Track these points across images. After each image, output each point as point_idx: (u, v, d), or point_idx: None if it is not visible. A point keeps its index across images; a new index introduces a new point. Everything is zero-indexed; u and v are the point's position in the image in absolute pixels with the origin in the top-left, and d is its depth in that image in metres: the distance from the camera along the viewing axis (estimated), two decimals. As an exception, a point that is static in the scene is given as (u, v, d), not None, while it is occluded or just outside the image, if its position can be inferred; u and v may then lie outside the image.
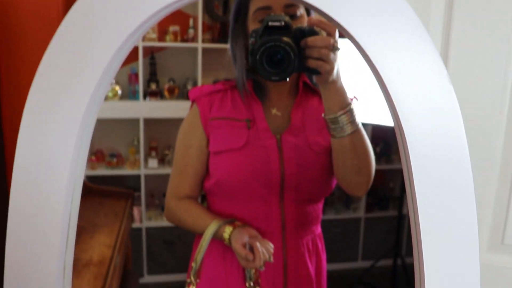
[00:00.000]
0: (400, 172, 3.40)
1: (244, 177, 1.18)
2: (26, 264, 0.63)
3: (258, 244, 1.11)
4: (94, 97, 0.59)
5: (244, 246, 1.12)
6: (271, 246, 1.13)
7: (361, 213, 3.65)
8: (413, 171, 0.57)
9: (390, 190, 3.78)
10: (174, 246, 3.37)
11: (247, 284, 1.21)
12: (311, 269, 1.29)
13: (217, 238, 1.18)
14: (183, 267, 3.46)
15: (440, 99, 0.54)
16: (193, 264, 1.19)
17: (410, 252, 3.61)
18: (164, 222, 3.34)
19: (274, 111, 1.23)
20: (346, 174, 1.18)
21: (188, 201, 1.26)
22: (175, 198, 1.27)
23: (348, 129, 1.08)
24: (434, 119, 0.54)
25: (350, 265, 3.71)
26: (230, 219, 1.20)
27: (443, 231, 0.59)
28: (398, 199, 3.51)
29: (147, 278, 3.39)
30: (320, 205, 1.30)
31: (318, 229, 1.33)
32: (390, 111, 0.56)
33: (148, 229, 3.33)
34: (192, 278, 1.19)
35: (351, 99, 1.10)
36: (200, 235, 1.21)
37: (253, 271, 1.20)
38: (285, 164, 1.18)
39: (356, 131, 1.09)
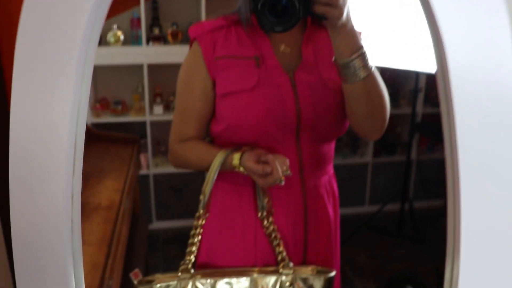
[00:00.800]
0: (407, 117, 3.36)
1: (257, 119, 1.12)
2: (33, 208, 0.61)
3: (271, 157, 1.07)
4: (88, 35, 0.55)
5: (257, 163, 1.08)
6: (286, 158, 1.09)
7: (368, 158, 3.64)
8: (456, 120, 0.54)
9: (397, 135, 3.74)
10: (182, 192, 3.39)
11: (259, 215, 1.19)
12: (330, 210, 1.27)
13: (226, 168, 1.15)
14: (191, 213, 3.49)
15: (496, 54, 0.50)
16: (201, 197, 1.16)
17: (417, 197, 3.62)
18: (171, 169, 3.34)
19: (282, 47, 1.15)
20: (360, 120, 1.13)
21: (193, 141, 1.21)
22: (179, 142, 1.22)
23: (361, 74, 1.02)
24: (486, 71, 0.51)
25: (357, 209, 3.73)
26: (236, 147, 1.16)
27: (485, 181, 0.56)
28: (406, 145, 3.49)
29: (156, 224, 3.43)
30: (333, 144, 1.26)
31: (332, 169, 1.30)
32: (437, 56, 0.52)
33: (156, 176, 3.33)
34: (201, 211, 1.17)
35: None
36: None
37: (265, 200, 1.18)
38: (301, 103, 1.12)
39: (369, 75, 1.03)
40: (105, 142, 2.66)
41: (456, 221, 0.65)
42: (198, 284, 1.14)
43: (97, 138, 2.66)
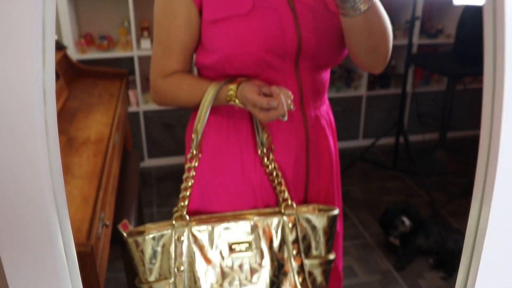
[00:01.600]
0: (403, 48, 3.27)
1: (255, 48, 1.00)
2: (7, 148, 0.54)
3: (277, 89, 0.96)
4: None
5: (259, 94, 0.97)
6: (289, 92, 0.98)
7: (362, 91, 3.57)
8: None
9: (392, 68, 3.66)
10: (173, 128, 3.32)
11: (259, 152, 1.11)
12: (331, 142, 1.20)
13: (219, 102, 1.04)
14: (183, 149, 3.44)
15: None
16: (193, 136, 1.05)
17: (412, 130, 3.59)
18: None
19: None
20: (361, 53, 1.03)
21: (178, 75, 1.10)
22: (162, 77, 1.10)
23: (362, 7, 0.90)
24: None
25: (352, 143, 3.70)
26: (230, 78, 1.05)
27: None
28: (401, 77, 3.41)
29: (148, 162, 3.39)
30: (329, 71, 1.17)
31: (327, 99, 1.22)
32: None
33: (146, 113, 3.25)
34: (194, 151, 1.07)
35: None
36: (197, 109, 1.07)
37: (265, 136, 1.09)
38: (301, 28, 1.02)
39: (371, 7, 0.92)
40: (92, 77, 2.56)
41: (491, 157, 0.59)
42: (194, 231, 1.06)
43: (83, 73, 2.56)
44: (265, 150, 1.11)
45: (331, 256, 1.13)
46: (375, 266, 2.42)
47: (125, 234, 1.04)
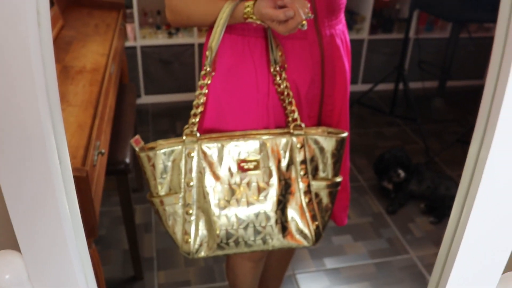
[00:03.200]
0: (410, -10, 3.17)
1: None
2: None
3: (290, 0, 0.95)
4: None
5: (275, 8, 0.97)
6: (305, 1, 0.97)
7: (364, 35, 3.49)
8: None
9: (396, 11, 3.57)
10: (171, 65, 3.26)
11: (272, 69, 1.11)
12: (346, 63, 1.20)
13: (235, 20, 1.05)
14: (181, 87, 3.41)
15: None
16: (207, 53, 1.07)
17: (412, 77, 3.54)
18: (159, 41, 3.18)
19: None
20: None
21: None
22: None
23: None
24: None
25: (350, 87, 3.66)
26: None
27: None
28: (405, 21, 3.33)
29: (144, 98, 3.35)
30: None
31: (344, 18, 1.21)
32: None
33: (143, 48, 3.18)
34: (208, 68, 1.08)
35: None
36: (212, 27, 1.07)
37: (279, 54, 1.09)
38: None
39: None
40: (87, 7, 2.47)
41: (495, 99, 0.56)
42: (204, 148, 1.09)
43: (78, 2, 2.47)
44: (277, 68, 1.11)
45: (338, 179, 1.15)
46: (367, 209, 2.45)
47: (137, 149, 1.07)
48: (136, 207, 2.34)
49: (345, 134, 1.12)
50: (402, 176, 2.41)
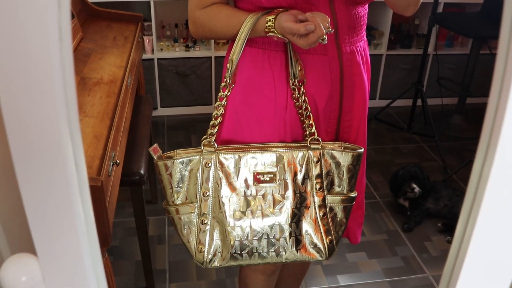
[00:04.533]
0: (428, 7, 3.16)
1: None
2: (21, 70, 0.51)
3: (310, 14, 0.97)
4: None
5: (296, 22, 0.98)
6: (325, 15, 0.98)
7: (382, 50, 3.48)
8: None
9: (415, 26, 3.55)
10: (187, 78, 3.28)
11: (290, 83, 1.11)
12: (365, 79, 1.20)
13: (256, 34, 1.06)
14: (197, 100, 3.42)
15: None
16: (228, 65, 1.09)
17: (431, 93, 3.51)
18: (176, 54, 3.20)
19: None
20: None
21: (216, 6, 1.11)
22: (200, 8, 1.12)
23: None
24: None
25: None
26: (267, 10, 1.06)
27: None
28: (424, 36, 3.31)
29: (161, 111, 3.37)
30: (367, 8, 1.17)
31: (365, 35, 1.21)
32: None
33: (160, 61, 3.20)
34: (228, 80, 1.09)
35: None
36: (233, 41, 1.09)
37: (298, 68, 1.09)
38: None
39: None
40: (106, 19, 2.50)
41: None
42: (221, 158, 1.10)
43: (98, 15, 2.51)
44: (296, 82, 1.11)
45: (353, 194, 1.14)
46: (383, 226, 2.41)
47: (155, 157, 1.08)
48: (149, 218, 2.34)
49: (361, 150, 1.12)
50: (417, 191, 2.37)
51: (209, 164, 1.09)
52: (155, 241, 2.23)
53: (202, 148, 1.10)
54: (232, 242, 1.10)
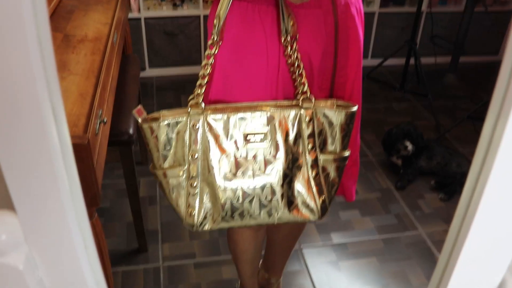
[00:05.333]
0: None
1: None
2: None
3: None
4: None
5: None
6: None
7: (375, 7, 3.40)
8: None
9: (408, -16, 3.47)
10: (176, 38, 3.20)
11: (282, 39, 1.05)
12: (360, 31, 1.14)
13: None
14: (186, 60, 3.35)
15: None
16: (215, 22, 1.02)
17: (424, 52, 3.46)
18: (164, 12, 3.11)
19: None
20: None
21: None
22: None
23: None
24: None
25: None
26: None
27: None
28: (417, -7, 3.23)
29: (149, 72, 3.30)
30: None
31: None
32: None
33: (147, 20, 3.11)
34: (215, 37, 1.03)
35: None
36: None
37: (290, 23, 1.03)
38: None
39: None
40: (90, -25, 2.41)
41: None
42: (209, 119, 1.05)
43: (81, -29, 2.41)
44: (288, 39, 1.05)
45: (346, 153, 1.11)
46: (376, 184, 2.41)
47: (139, 120, 1.02)
48: (140, 179, 2.31)
49: (355, 108, 1.07)
50: (410, 148, 2.36)
51: (197, 126, 1.04)
52: (146, 202, 2.21)
53: (189, 109, 1.05)
54: (223, 205, 1.07)
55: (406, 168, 2.41)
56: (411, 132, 2.37)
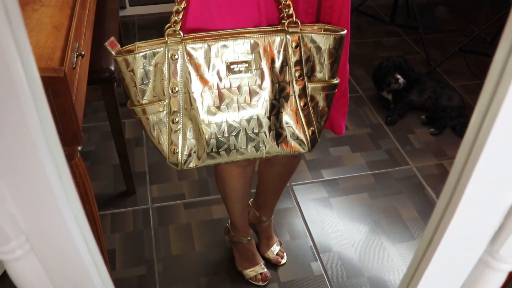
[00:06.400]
0: None
1: None
2: None
3: None
4: None
5: None
6: None
7: None
8: None
9: None
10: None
11: None
12: None
13: None
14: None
15: None
16: None
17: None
18: None
19: None
20: None
21: None
22: None
23: None
24: None
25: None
26: None
27: None
28: None
29: (130, 10, 3.15)
30: None
31: None
32: None
33: (125, -46, 2.95)
34: None
35: None
36: None
37: None
38: None
39: None
40: None
41: None
42: (189, 49, 0.97)
43: None
44: None
45: (335, 81, 1.05)
46: (366, 120, 2.37)
47: (113, 52, 0.95)
48: (125, 121, 2.24)
49: (344, 32, 1.00)
50: (401, 81, 2.31)
51: (176, 56, 0.97)
52: (132, 143, 2.16)
53: (166, 38, 0.97)
54: (207, 140, 1.02)
55: (397, 103, 2.37)
56: (402, 65, 2.31)
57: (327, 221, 1.83)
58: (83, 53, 1.25)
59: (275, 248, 1.68)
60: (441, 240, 0.57)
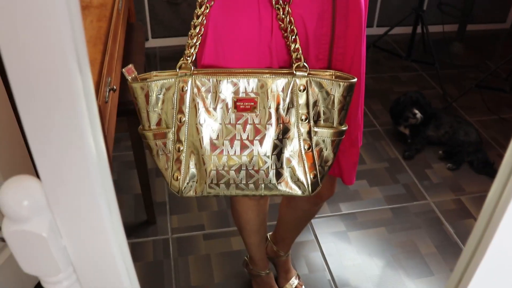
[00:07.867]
0: None
1: None
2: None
3: None
4: None
5: None
6: None
7: (382, -25, 3.33)
8: None
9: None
10: (179, 6, 3.13)
11: (273, 1, 0.99)
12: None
13: None
14: (189, 30, 3.27)
15: None
16: None
17: (431, 20, 3.39)
18: (166, -19, 3.03)
19: None
20: None
21: None
22: None
23: None
24: None
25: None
26: None
27: None
28: (425, -41, 3.15)
29: (152, 42, 3.24)
30: None
31: None
32: None
33: (149, -12, 3.05)
34: None
35: None
36: None
37: None
38: None
39: None
40: None
41: None
42: (198, 82, 1.01)
43: None
44: (280, 1, 0.99)
45: (343, 128, 1.05)
46: (384, 154, 2.39)
47: (129, 78, 1.00)
48: (147, 151, 2.28)
49: (354, 80, 1.01)
50: (419, 116, 2.33)
51: (185, 88, 1.01)
52: (153, 174, 2.19)
53: (177, 70, 1.01)
54: (208, 172, 1.04)
55: (414, 137, 2.39)
56: (419, 100, 2.34)
57: (345, 254, 1.84)
58: (114, 87, 1.30)
59: (294, 281, 1.69)
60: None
